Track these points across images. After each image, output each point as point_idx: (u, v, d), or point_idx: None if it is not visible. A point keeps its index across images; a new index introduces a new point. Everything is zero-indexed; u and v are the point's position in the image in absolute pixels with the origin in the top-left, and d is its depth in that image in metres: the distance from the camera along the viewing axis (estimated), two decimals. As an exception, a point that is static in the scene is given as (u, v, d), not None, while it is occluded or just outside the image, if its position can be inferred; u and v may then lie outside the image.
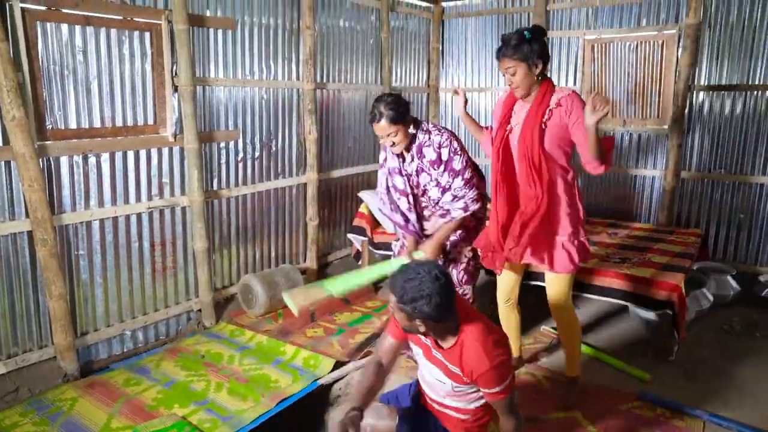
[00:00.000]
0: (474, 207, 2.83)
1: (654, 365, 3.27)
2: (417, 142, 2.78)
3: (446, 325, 1.87)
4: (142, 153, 3.34)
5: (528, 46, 2.39)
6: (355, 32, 4.77)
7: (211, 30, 3.63)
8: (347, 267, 4.86)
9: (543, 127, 2.46)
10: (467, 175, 2.79)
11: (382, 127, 2.66)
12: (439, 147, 2.76)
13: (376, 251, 4.35)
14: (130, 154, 3.28)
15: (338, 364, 3.20)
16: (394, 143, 2.73)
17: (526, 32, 2.41)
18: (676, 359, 3.33)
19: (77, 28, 2.94)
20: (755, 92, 4.33)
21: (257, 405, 2.83)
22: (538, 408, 2.83)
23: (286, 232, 4.38)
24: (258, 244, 4.17)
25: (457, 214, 2.82)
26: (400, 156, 2.86)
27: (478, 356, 1.84)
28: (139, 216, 3.36)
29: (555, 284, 2.71)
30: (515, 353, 3.09)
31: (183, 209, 3.60)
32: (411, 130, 2.76)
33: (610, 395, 2.95)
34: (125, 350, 3.40)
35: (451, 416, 2.06)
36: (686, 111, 4.56)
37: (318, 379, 3.06)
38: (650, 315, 3.51)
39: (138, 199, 3.35)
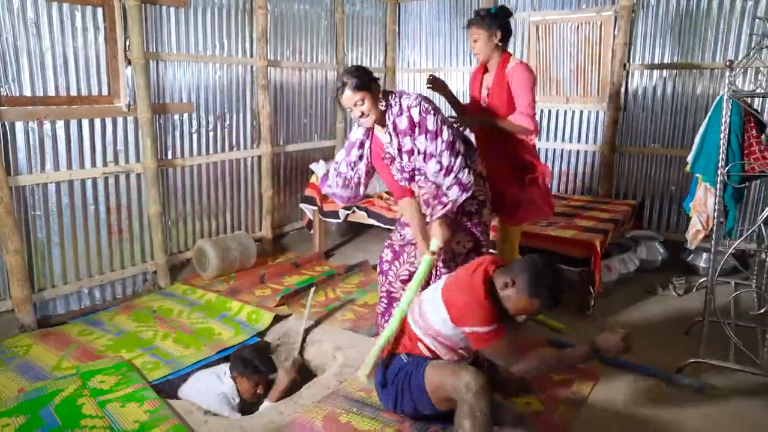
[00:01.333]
0: (465, 178, 2.52)
1: (575, 320, 3.54)
2: (391, 118, 2.57)
3: None
4: (97, 122, 3.56)
5: (490, 19, 2.93)
6: (310, 14, 5.00)
7: (164, 7, 3.84)
8: (303, 237, 5.12)
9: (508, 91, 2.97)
10: (446, 136, 2.51)
11: (347, 96, 2.50)
12: (408, 109, 2.53)
13: (326, 219, 4.61)
14: (85, 122, 3.49)
15: (278, 318, 3.47)
16: (363, 113, 2.53)
17: (492, 8, 3.00)
18: (595, 314, 3.60)
19: (29, 1, 3.15)
20: (685, 70, 4.61)
21: (198, 352, 3.09)
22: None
23: (241, 202, 4.62)
24: (213, 212, 4.41)
25: (454, 194, 2.51)
26: (371, 131, 2.72)
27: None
28: (94, 180, 3.59)
29: (507, 237, 3.20)
30: None
31: (138, 176, 3.83)
32: (381, 105, 2.56)
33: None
34: (83, 306, 3.63)
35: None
36: (623, 88, 4.84)
37: (258, 334, 3.31)
38: (571, 272, 3.79)
39: (93, 164, 3.58)
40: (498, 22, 2.94)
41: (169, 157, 4.03)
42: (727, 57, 4.40)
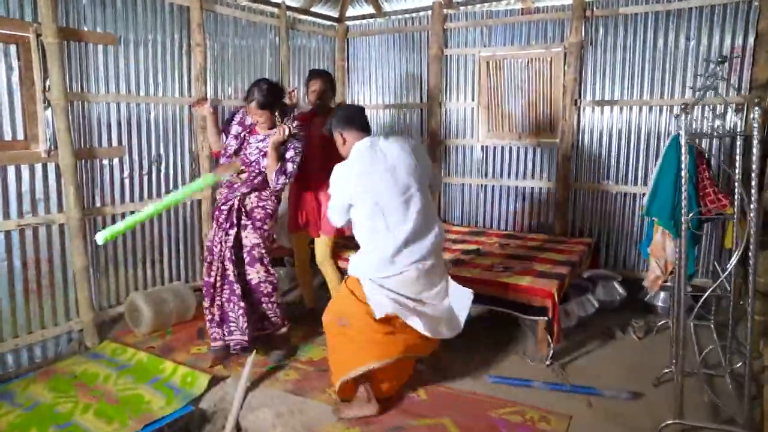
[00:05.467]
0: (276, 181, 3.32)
1: (530, 370, 3.36)
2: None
3: None
4: (11, 169, 3.23)
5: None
6: (253, 50, 4.79)
7: (90, 45, 3.58)
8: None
9: None
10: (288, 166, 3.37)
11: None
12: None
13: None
14: (-3, 171, 3.18)
15: (214, 380, 3.17)
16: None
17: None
18: (554, 365, 3.42)
19: (-72, 40, 2.86)
20: (633, 107, 4.58)
21: (122, 427, 2.76)
22: (406, 414, 2.87)
23: (180, 250, 4.30)
24: (149, 262, 4.09)
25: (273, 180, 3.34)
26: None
27: None
28: (7, 234, 3.25)
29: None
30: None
31: (60, 227, 3.50)
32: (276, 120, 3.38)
33: (481, 402, 3.01)
34: (-7, 375, 3.26)
35: None
36: (574, 124, 4.77)
37: (191, 402, 2.99)
38: (531, 321, 3.62)
39: (7, 216, 3.24)
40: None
41: (97, 205, 3.72)
42: (672, 94, 4.40)
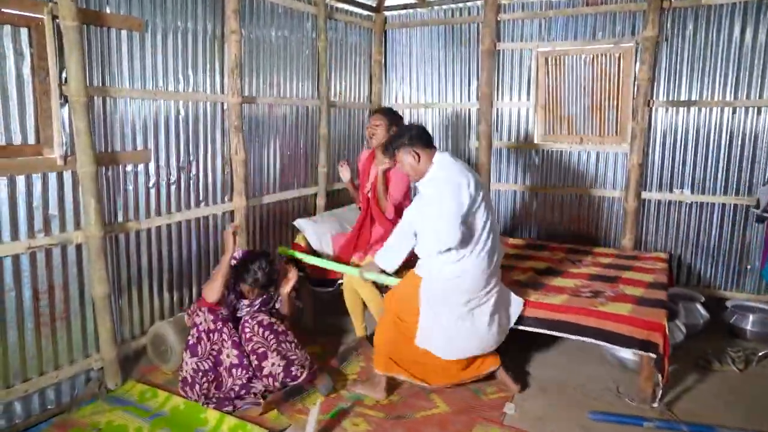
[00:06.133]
0: None
1: (636, 412, 2.87)
2: None
3: None
4: (20, 179, 2.66)
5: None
6: (289, 41, 4.25)
7: (114, 31, 3.02)
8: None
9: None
10: None
11: None
12: None
13: (316, 289, 3.78)
14: (3, 181, 2.60)
15: (271, 435, 2.63)
16: None
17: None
18: (661, 406, 2.93)
19: None
20: (714, 108, 4.11)
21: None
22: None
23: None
24: (176, 284, 3.53)
25: None
26: None
27: None
28: (16, 258, 2.67)
29: None
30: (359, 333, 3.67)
31: (77, 247, 2.93)
32: None
33: None
34: (-2, 428, 2.69)
35: None
36: (646, 127, 4.29)
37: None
38: (629, 356, 3.13)
39: (15, 237, 2.66)
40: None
41: (120, 219, 3.15)
42: (760, 95, 3.94)
